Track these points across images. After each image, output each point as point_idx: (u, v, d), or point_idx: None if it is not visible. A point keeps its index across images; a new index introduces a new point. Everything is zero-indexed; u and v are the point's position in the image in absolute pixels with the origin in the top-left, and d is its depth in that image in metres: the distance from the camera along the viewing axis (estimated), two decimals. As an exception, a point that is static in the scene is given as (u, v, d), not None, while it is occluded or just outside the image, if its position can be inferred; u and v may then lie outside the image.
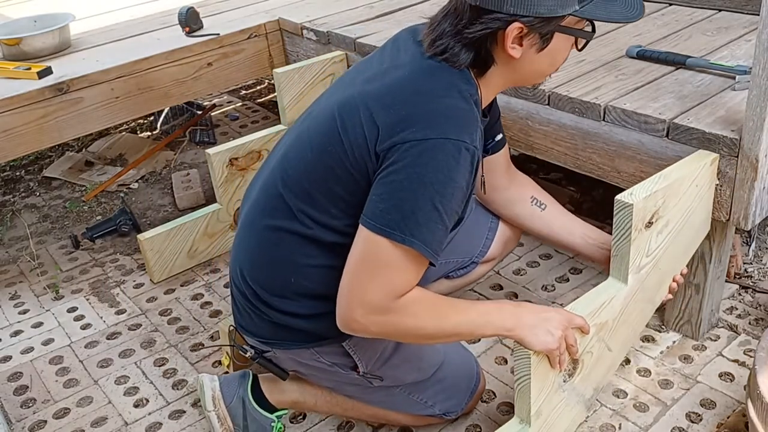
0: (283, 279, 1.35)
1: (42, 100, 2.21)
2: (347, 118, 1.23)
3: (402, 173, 1.15)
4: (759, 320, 1.86)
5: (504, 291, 2.06)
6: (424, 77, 1.23)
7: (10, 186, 2.97)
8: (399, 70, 1.25)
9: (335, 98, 1.30)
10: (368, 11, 2.66)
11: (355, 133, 1.21)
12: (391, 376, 1.47)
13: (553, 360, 1.32)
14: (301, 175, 1.30)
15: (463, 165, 1.17)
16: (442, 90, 1.21)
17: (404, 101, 1.19)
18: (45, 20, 2.56)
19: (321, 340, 1.38)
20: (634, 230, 1.43)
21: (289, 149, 1.36)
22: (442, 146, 1.15)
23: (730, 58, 1.89)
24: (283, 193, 1.32)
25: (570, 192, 2.50)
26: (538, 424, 1.39)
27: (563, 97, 1.80)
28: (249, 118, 3.39)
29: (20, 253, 2.49)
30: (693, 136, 1.58)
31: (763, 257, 2.08)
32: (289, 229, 1.31)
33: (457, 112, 1.19)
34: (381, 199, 1.17)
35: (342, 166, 1.23)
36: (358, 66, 1.39)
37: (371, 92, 1.23)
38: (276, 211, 1.33)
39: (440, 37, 1.23)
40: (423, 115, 1.17)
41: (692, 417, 1.60)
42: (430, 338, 1.30)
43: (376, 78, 1.27)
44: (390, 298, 1.19)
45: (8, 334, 2.09)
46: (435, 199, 1.15)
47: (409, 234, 1.15)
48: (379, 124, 1.19)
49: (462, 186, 1.18)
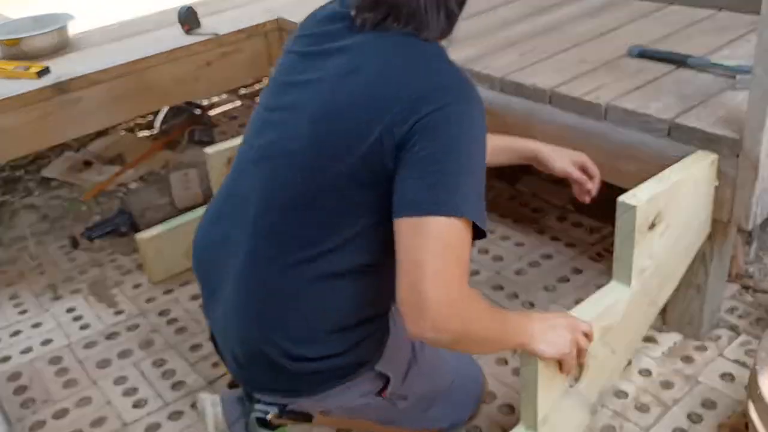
0: (309, 325, 1.20)
1: (41, 100, 2.21)
2: (339, 129, 1.13)
3: (430, 147, 1.07)
4: (760, 320, 1.85)
5: (505, 291, 2.05)
6: (406, 60, 1.14)
7: (10, 186, 2.97)
8: (370, 57, 1.15)
9: (306, 112, 1.17)
10: (368, 11, 2.65)
11: (360, 139, 1.10)
12: (412, 393, 1.39)
13: (565, 365, 1.30)
14: (304, 211, 1.17)
15: (483, 128, 1.13)
16: (432, 63, 1.15)
17: (406, 83, 1.11)
18: (44, 20, 2.56)
19: (354, 372, 1.25)
20: (637, 232, 1.43)
21: (270, 192, 1.20)
22: (461, 110, 1.09)
23: (731, 58, 1.89)
24: (288, 232, 1.18)
25: (570, 192, 2.49)
26: (545, 430, 1.38)
27: (564, 97, 1.80)
28: (249, 117, 3.38)
29: (20, 253, 2.48)
30: (694, 136, 1.58)
31: (764, 257, 2.08)
32: (311, 268, 1.18)
33: (455, 73, 1.15)
34: (420, 177, 1.06)
35: (351, 178, 1.13)
36: (293, 66, 1.26)
37: (354, 91, 1.13)
38: (287, 255, 1.18)
39: (419, 11, 1.14)
40: (428, 88, 1.10)
41: (693, 417, 1.60)
42: (487, 343, 1.21)
43: (346, 73, 1.15)
44: (461, 282, 1.07)
45: (7, 334, 2.08)
46: (472, 165, 1.09)
47: (461, 204, 1.06)
48: (387, 118, 1.09)
49: (485, 146, 1.14)
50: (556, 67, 1.97)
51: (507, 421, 1.64)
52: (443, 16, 1.16)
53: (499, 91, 1.96)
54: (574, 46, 2.11)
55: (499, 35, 2.27)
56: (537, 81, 1.88)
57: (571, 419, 1.47)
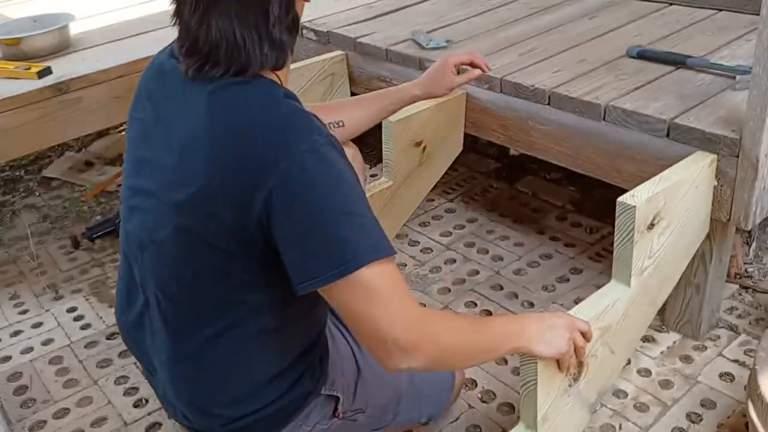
0: (243, 386, 1.18)
1: (42, 100, 2.21)
2: (198, 215, 1.05)
3: (298, 210, 0.99)
4: (759, 320, 1.86)
5: (504, 291, 2.05)
6: (236, 111, 1.04)
7: (10, 186, 2.97)
8: (203, 125, 1.04)
9: (162, 200, 1.10)
10: (368, 11, 2.66)
11: (220, 221, 1.03)
12: (368, 404, 1.36)
13: (563, 364, 1.30)
14: (194, 298, 1.12)
15: (336, 158, 1.02)
16: (268, 111, 1.04)
17: (242, 152, 1.01)
18: (45, 20, 2.56)
19: (302, 406, 1.22)
20: (636, 232, 1.43)
21: (159, 282, 1.15)
22: (312, 159, 0.99)
23: (731, 58, 1.89)
24: (189, 316, 1.14)
25: (570, 192, 2.50)
26: (544, 430, 1.38)
27: (563, 97, 1.80)
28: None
29: (20, 253, 2.49)
30: (693, 136, 1.58)
31: (763, 257, 2.08)
32: (225, 339, 1.14)
33: (290, 116, 1.04)
34: (303, 249, 0.99)
35: (224, 257, 1.07)
36: (142, 144, 1.17)
37: (198, 171, 1.03)
38: (198, 333, 1.15)
39: (238, 50, 1.03)
40: (270, 146, 1.00)
41: (692, 417, 1.60)
42: (473, 354, 1.18)
43: (188, 148, 1.06)
44: (409, 308, 1.05)
45: (8, 334, 2.09)
46: (345, 207, 1.00)
47: (365, 251, 0.99)
48: (240, 195, 1.00)
49: (350, 174, 1.04)
50: (555, 67, 1.97)
51: (507, 420, 1.64)
52: (268, 48, 1.05)
53: (499, 92, 1.96)
54: (573, 46, 2.11)
55: (498, 35, 2.27)
56: (536, 81, 1.89)
57: (570, 419, 1.47)
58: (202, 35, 1.04)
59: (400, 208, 2.10)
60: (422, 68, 2.16)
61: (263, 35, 1.04)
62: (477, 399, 1.71)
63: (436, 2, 2.68)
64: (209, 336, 1.14)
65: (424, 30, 2.35)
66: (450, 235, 2.34)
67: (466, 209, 2.47)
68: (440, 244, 2.30)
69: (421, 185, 2.13)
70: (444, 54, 2.01)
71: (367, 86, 2.42)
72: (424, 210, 2.47)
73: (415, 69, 2.19)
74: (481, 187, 2.60)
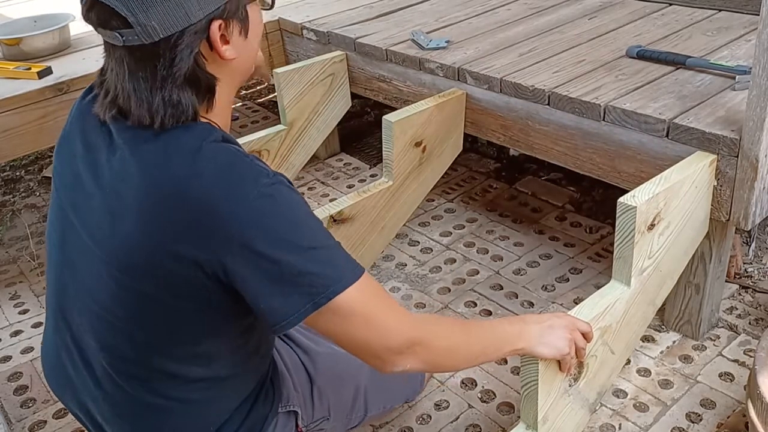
0: (201, 427, 1.14)
1: (42, 100, 2.21)
2: (148, 274, 0.99)
3: (261, 258, 0.94)
4: (759, 320, 1.86)
5: (504, 291, 2.06)
6: (167, 164, 0.97)
7: (10, 186, 2.97)
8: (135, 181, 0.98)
9: (95, 263, 1.04)
10: (368, 11, 2.66)
11: (175, 277, 0.98)
12: (330, 409, 1.34)
13: (564, 364, 1.30)
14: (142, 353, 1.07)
15: (288, 194, 0.99)
16: (198, 162, 0.97)
17: (186, 208, 0.95)
18: (45, 20, 2.56)
19: (262, 428, 1.20)
20: (637, 233, 1.43)
21: (104, 348, 1.09)
22: (263, 203, 0.95)
23: (730, 58, 1.89)
24: (137, 373, 1.09)
25: (570, 192, 2.51)
26: (545, 429, 1.39)
27: (563, 97, 1.80)
28: (249, 118, 3.39)
29: (20, 253, 2.49)
30: (693, 136, 1.58)
31: (763, 257, 2.08)
32: (171, 389, 1.10)
33: (231, 166, 0.97)
34: (273, 293, 0.96)
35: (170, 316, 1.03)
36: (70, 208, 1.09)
37: (130, 233, 0.98)
38: (141, 391, 1.09)
39: (143, 103, 0.97)
40: (215, 200, 0.94)
41: (692, 417, 1.60)
42: (470, 354, 1.17)
43: (117, 213, 1.00)
44: (396, 316, 1.05)
45: (8, 334, 2.09)
46: (308, 241, 0.97)
47: (336, 280, 0.97)
48: (188, 247, 0.96)
49: (304, 206, 1.01)
50: (555, 67, 1.97)
51: (506, 420, 1.64)
52: (159, 104, 0.97)
53: (499, 92, 1.96)
54: (573, 46, 2.12)
55: (498, 35, 2.27)
56: (536, 82, 1.89)
57: (570, 418, 1.47)
58: (108, 78, 1.02)
59: (400, 208, 2.10)
60: (422, 68, 2.17)
61: (153, 89, 0.97)
62: (477, 399, 1.71)
63: (436, 2, 2.68)
64: (160, 391, 1.10)
65: (424, 30, 2.35)
66: (450, 235, 2.34)
67: (466, 209, 2.47)
68: (440, 244, 2.30)
69: (421, 185, 2.14)
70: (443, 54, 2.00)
71: (367, 86, 2.43)
72: (424, 210, 2.47)
73: (415, 69, 2.20)
74: (481, 187, 2.60)
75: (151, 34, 0.93)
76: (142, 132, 0.98)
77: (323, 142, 2.60)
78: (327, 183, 2.74)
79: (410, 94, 2.26)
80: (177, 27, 0.94)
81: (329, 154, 2.93)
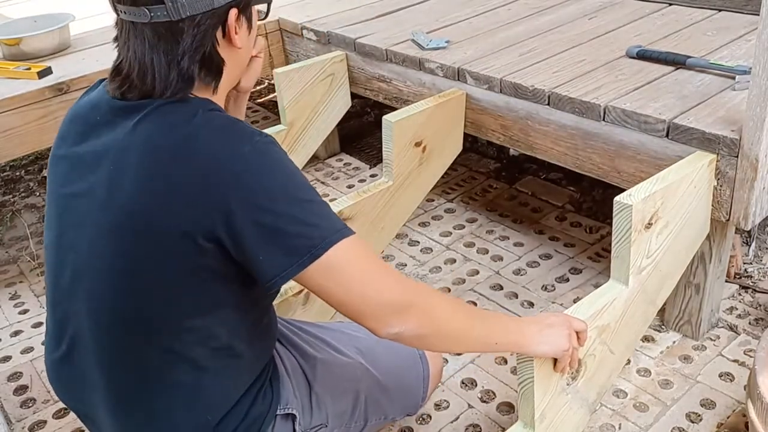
0: (197, 420, 1.14)
1: (42, 100, 2.21)
2: (143, 238, 1.02)
3: (258, 210, 0.98)
4: (759, 320, 1.86)
5: (504, 291, 2.06)
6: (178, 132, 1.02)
7: (10, 186, 2.97)
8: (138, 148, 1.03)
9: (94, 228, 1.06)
10: (368, 11, 2.66)
11: (172, 239, 1.01)
12: (328, 416, 1.33)
13: (564, 361, 1.30)
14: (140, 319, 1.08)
15: (279, 153, 1.04)
16: (194, 140, 1.01)
17: (184, 168, 1.00)
18: (45, 20, 2.56)
19: (260, 430, 1.20)
20: (634, 231, 1.43)
21: (103, 345, 1.11)
22: (258, 158, 1.00)
23: (730, 58, 1.89)
24: (139, 360, 1.10)
25: (570, 192, 2.51)
26: (542, 428, 1.39)
27: (563, 97, 1.80)
28: (249, 118, 3.39)
29: (20, 253, 2.49)
30: (693, 136, 1.58)
31: (763, 257, 2.08)
32: (174, 359, 1.10)
33: (225, 128, 1.03)
34: (270, 245, 0.99)
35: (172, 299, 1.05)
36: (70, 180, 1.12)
37: (144, 199, 1.01)
38: (144, 382, 1.11)
39: (159, 75, 1.04)
40: (211, 158, 0.99)
41: (692, 417, 1.60)
42: (467, 336, 1.16)
43: (116, 187, 1.03)
44: (398, 278, 1.06)
45: (8, 334, 2.09)
46: (302, 195, 1.02)
47: (328, 234, 1.00)
48: (188, 207, 0.99)
49: (295, 166, 1.06)
50: (555, 67, 1.97)
51: (506, 420, 1.64)
52: (175, 75, 1.05)
53: (499, 92, 1.96)
54: (573, 46, 2.12)
55: (498, 35, 2.27)
56: (536, 82, 1.89)
57: (569, 418, 1.47)
58: (123, 56, 1.07)
59: (400, 208, 2.10)
60: (422, 68, 2.17)
61: (172, 63, 1.04)
62: (477, 399, 1.71)
63: (436, 2, 2.68)
64: (162, 375, 1.10)
65: (424, 30, 2.35)
66: (450, 235, 2.34)
67: (466, 209, 2.47)
68: (440, 244, 2.30)
69: (421, 185, 2.13)
70: (443, 54, 2.00)
71: (367, 86, 2.43)
72: (424, 210, 2.47)
73: (415, 69, 2.20)
74: (480, 187, 2.60)
75: (180, 11, 1.02)
76: (145, 106, 1.04)
77: (323, 142, 2.60)
78: (327, 183, 2.74)
79: (410, 94, 2.26)
80: (203, 8, 1.03)
81: (329, 154, 2.93)
